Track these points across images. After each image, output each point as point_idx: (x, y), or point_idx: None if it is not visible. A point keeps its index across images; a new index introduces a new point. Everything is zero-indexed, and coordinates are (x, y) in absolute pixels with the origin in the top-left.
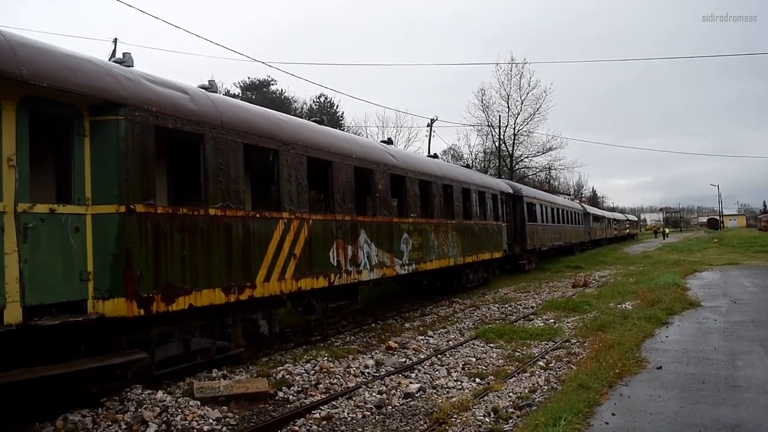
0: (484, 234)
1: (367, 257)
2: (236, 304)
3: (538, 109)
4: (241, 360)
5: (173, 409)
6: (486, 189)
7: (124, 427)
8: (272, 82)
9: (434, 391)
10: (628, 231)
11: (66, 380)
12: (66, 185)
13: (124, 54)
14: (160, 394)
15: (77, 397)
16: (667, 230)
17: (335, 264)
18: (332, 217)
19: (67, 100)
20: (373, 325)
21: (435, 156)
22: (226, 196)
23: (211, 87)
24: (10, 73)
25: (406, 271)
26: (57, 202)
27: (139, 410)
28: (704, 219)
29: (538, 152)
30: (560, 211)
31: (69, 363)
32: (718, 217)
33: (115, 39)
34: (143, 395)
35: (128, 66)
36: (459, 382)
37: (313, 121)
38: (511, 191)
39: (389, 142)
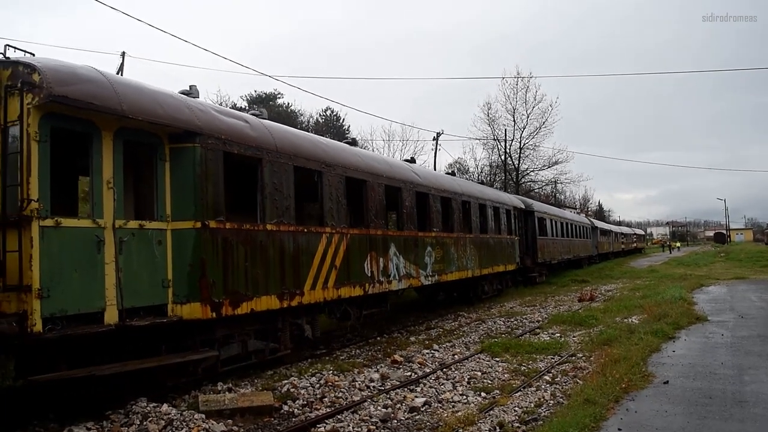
0: (499, 247)
1: (396, 268)
2: (285, 310)
3: (544, 122)
4: (288, 362)
5: (178, 423)
6: (500, 204)
7: None
8: (278, 96)
9: (440, 405)
10: (635, 245)
11: (148, 374)
12: (149, 204)
13: (190, 86)
14: (165, 407)
15: (155, 389)
16: (678, 244)
17: (369, 274)
18: (366, 231)
19: (153, 130)
20: (378, 338)
21: (452, 173)
22: (281, 213)
23: (192, 93)
24: (113, 109)
25: (430, 282)
26: (136, 218)
27: (144, 423)
28: (711, 233)
29: (544, 166)
30: (569, 225)
31: (157, 358)
32: (724, 231)
33: (123, 52)
34: (148, 408)
35: (195, 97)
36: (464, 396)
37: (346, 143)
38: (523, 206)
39: (412, 161)
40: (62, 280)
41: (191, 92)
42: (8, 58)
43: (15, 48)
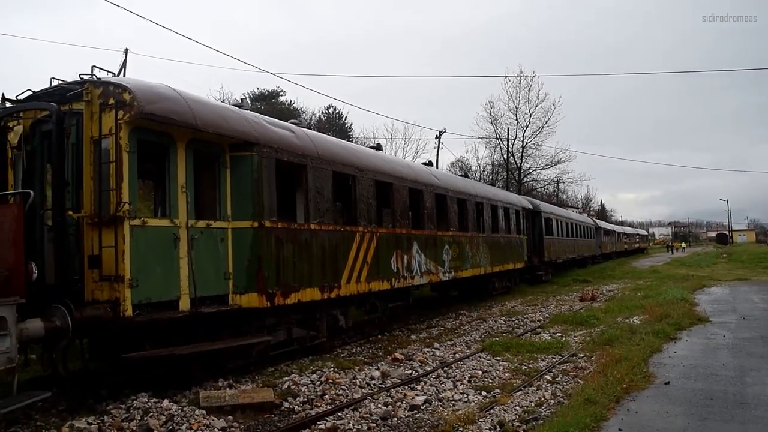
0: (508, 246)
1: (418, 265)
2: (323, 302)
3: (546, 122)
4: (324, 349)
5: (179, 418)
6: (510, 205)
7: None
8: (281, 93)
9: (440, 403)
10: (638, 245)
11: (212, 356)
12: (213, 205)
13: (242, 99)
14: (165, 403)
15: (216, 370)
16: (683, 245)
17: (395, 270)
18: (393, 230)
19: (218, 141)
20: (379, 336)
21: (465, 175)
22: (322, 213)
23: (243, 105)
24: (189, 123)
25: (447, 278)
26: (203, 218)
27: (145, 419)
28: (713, 234)
29: (547, 165)
30: (574, 225)
31: (223, 341)
32: (727, 232)
33: (126, 49)
34: (149, 403)
35: (246, 109)
36: (465, 395)
37: (371, 148)
38: (530, 207)
39: (430, 164)
40: (147, 271)
41: (242, 104)
42: (99, 78)
43: (99, 68)
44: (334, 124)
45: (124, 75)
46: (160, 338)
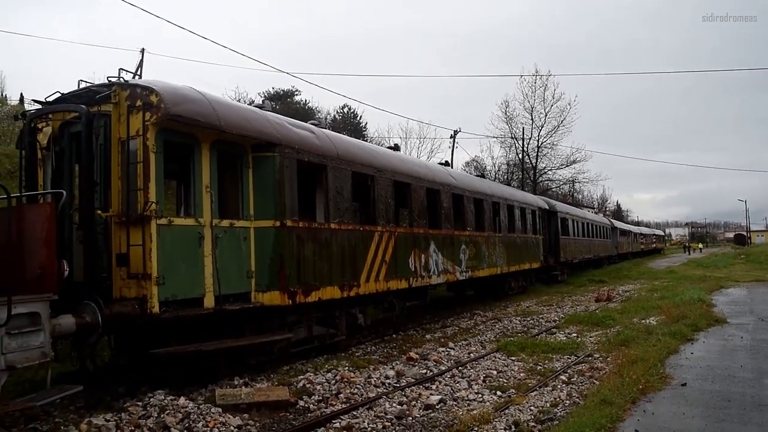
0: (525, 246)
1: (435, 264)
2: (342, 300)
3: (562, 121)
4: (342, 347)
5: (195, 416)
6: (526, 205)
7: None
8: (296, 93)
9: (455, 403)
10: (654, 245)
11: (235, 352)
12: (236, 205)
13: (263, 101)
14: (182, 401)
15: (238, 366)
16: (700, 245)
17: (413, 269)
18: (410, 230)
19: (241, 142)
20: (394, 335)
21: (482, 175)
22: (341, 213)
23: (264, 107)
24: (214, 125)
25: (464, 277)
26: (226, 217)
27: (162, 416)
28: (731, 234)
29: (562, 165)
30: (590, 225)
31: (247, 338)
32: (745, 233)
33: (143, 49)
34: (166, 401)
35: (266, 110)
36: (480, 395)
37: (389, 148)
38: (546, 207)
39: (447, 164)
40: (173, 269)
41: (263, 106)
42: (126, 81)
43: (126, 71)
44: (349, 123)
45: (140, 75)
46: (185, 335)
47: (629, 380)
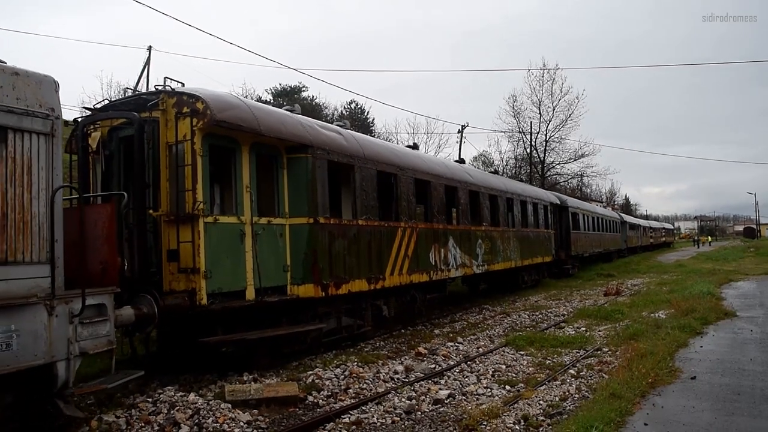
0: (537, 240)
1: (453, 258)
2: (369, 293)
3: (570, 115)
4: (368, 336)
5: (205, 412)
6: (538, 200)
7: (156, 428)
8: (303, 89)
9: (464, 397)
10: (663, 239)
11: (272, 342)
12: (272, 203)
13: (294, 105)
14: (192, 397)
15: (273, 356)
16: (709, 239)
17: (433, 263)
18: (431, 226)
19: (276, 144)
20: (402, 331)
21: (495, 172)
22: (368, 210)
23: (294, 110)
24: (254, 129)
25: (481, 271)
26: (263, 215)
27: (172, 412)
28: (740, 228)
29: (570, 159)
30: (600, 219)
31: (285, 327)
32: (755, 226)
33: (150, 47)
34: (176, 397)
35: (297, 113)
36: (489, 389)
37: (408, 147)
38: (558, 202)
39: (462, 161)
40: (219, 264)
41: (294, 109)
42: (173, 89)
43: (171, 79)
44: (356, 119)
45: (147, 72)
46: (227, 326)
47: (638, 374)
